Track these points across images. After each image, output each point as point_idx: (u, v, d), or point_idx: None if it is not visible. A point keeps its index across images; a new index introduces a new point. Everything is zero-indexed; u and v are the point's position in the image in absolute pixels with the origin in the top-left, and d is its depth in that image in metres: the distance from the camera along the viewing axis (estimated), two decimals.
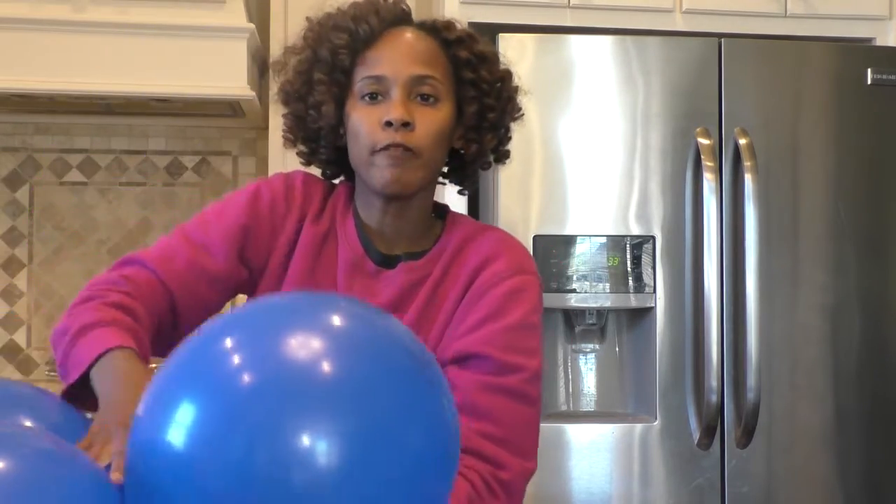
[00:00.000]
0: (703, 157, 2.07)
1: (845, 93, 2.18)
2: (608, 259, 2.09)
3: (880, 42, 2.40)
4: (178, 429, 0.72)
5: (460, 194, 1.35)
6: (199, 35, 2.41)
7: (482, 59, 1.20)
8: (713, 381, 2.03)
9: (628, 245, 2.09)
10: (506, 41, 2.09)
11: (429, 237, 1.21)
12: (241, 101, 2.51)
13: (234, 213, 1.19)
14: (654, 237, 2.09)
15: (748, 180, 2.05)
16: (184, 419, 0.72)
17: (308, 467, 0.70)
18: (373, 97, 1.15)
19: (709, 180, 2.05)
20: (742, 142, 2.08)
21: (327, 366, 0.74)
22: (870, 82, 2.16)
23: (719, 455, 2.08)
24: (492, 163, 1.27)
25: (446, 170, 1.27)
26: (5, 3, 2.39)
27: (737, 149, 2.09)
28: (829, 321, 2.14)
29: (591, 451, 2.07)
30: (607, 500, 2.07)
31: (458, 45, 1.19)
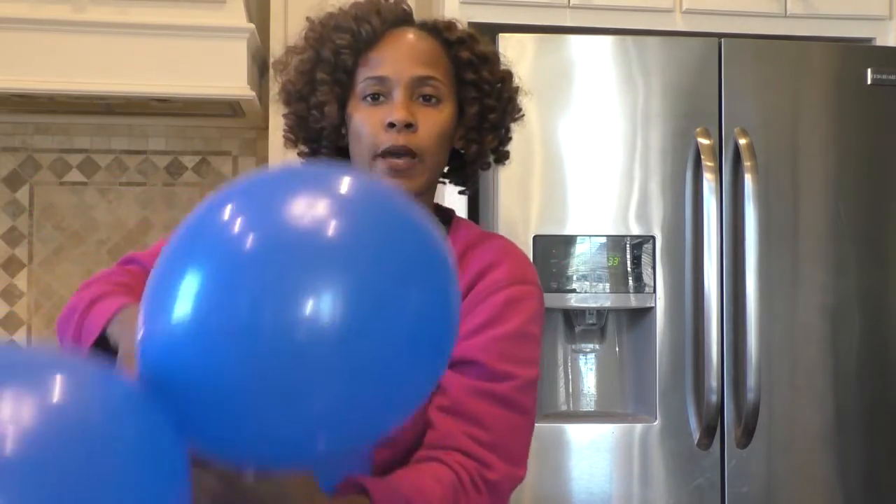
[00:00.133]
0: (703, 157, 2.07)
1: (845, 93, 2.18)
2: (608, 259, 2.09)
3: (880, 42, 2.40)
4: (183, 301, 0.72)
5: (461, 194, 1.35)
6: (199, 35, 2.41)
7: (483, 60, 1.20)
8: (713, 381, 2.03)
9: (628, 245, 2.09)
10: (506, 41, 2.09)
11: None
12: (241, 101, 2.51)
13: None
14: (654, 237, 2.09)
15: (748, 180, 2.05)
16: (187, 290, 0.72)
17: (311, 327, 0.71)
18: (375, 98, 1.15)
19: (709, 180, 2.05)
20: (742, 142, 2.08)
21: (330, 226, 0.74)
22: (870, 82, 2.16)
23: (719, 455, 2.08)
24: (492, 163, 1.27)
25: (446, 170, 1.26)
26: (5, 3, 2.39)
27: (737, 149, 2.09)
28: (829, 321, 2.14)
29: (591, 451, 2.07)
30: (607, 500, 2.07)
31: (459, 45, 1.19)
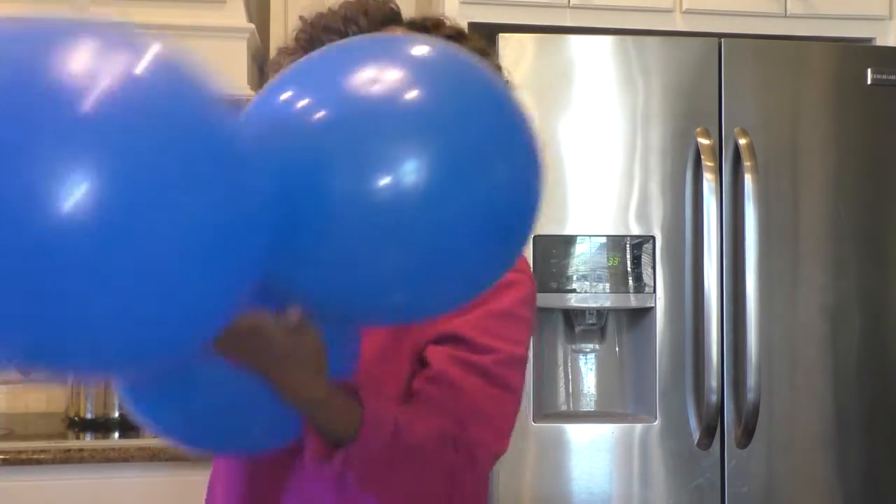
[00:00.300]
0: (703, 157, 2.07)
1: (845, 93, 2.18)
2: (608, 259, 2.09)
3: (880, 42, 2.40)
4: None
5: None
6: (199, 35, 2.41)
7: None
8: (713, 381, 2.03)
9: (628, 245, 2.09)
10: (506, 41, 2.09)
11: None
12: (241, 100, 2.51)
13: None
14: (654, 237, 2.09)
15: (748, 180, 2.05)
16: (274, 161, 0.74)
17: (394, 190, 0.72)
18: None
19: (709, 180, 2.05)
20: (742, 142, 2.08)
21: (415, 90, 0.75)
22: (870, 82, 2.16)
23: (719, 455, 2.08)
24: None
25: None
26: (5, 3, 2.38)
27: (737, 149, 2.09)
28: (829, 321, 2.14)
29: (591, 451, 2.07)
30: (607, 500, 2.07)
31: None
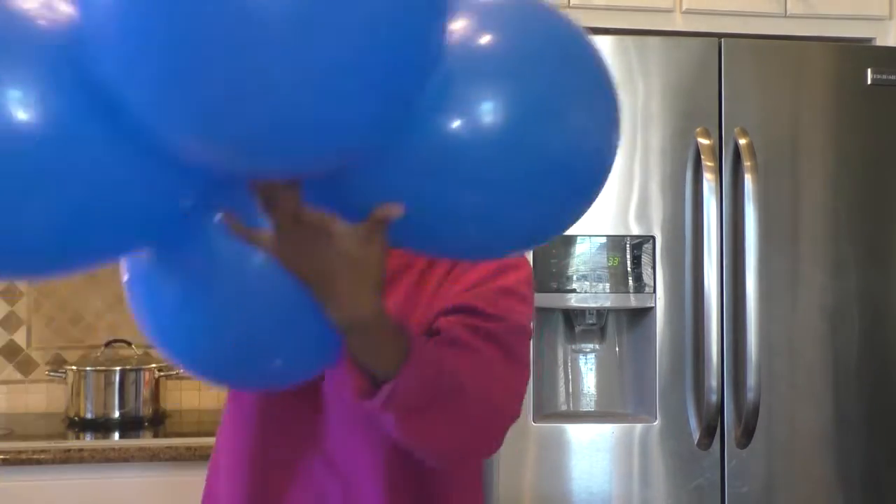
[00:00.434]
0: (703, 157, 2.07)
1: (845, 93, 2.18)
2: (608, 259, 2.09)
3: (880, 42, 2.41)
4: None
5: None
6: None
7: None
8: (713, 381, 2.03)
9: (628, 245, 2.09)
10: None
11: None
12: None
13: None
14: (654, 237, 2.09)
15: (748, 180, 2.05)
16: None
17: (474, 128, 0.74)
18: None
19: (709, 180, 2.05)
20: (742, 142, 2.08)
21: (493, 35, 0.77)
22: (870, 82, 2.16)
23: (719, 455, 2.08)
24: None
25: None
26: None
27: (737, 149, 2.09)
28: (829, 321, 2.14)
29: (591, 451, 2.07)
30: (607, 500, 2.07)
31: None
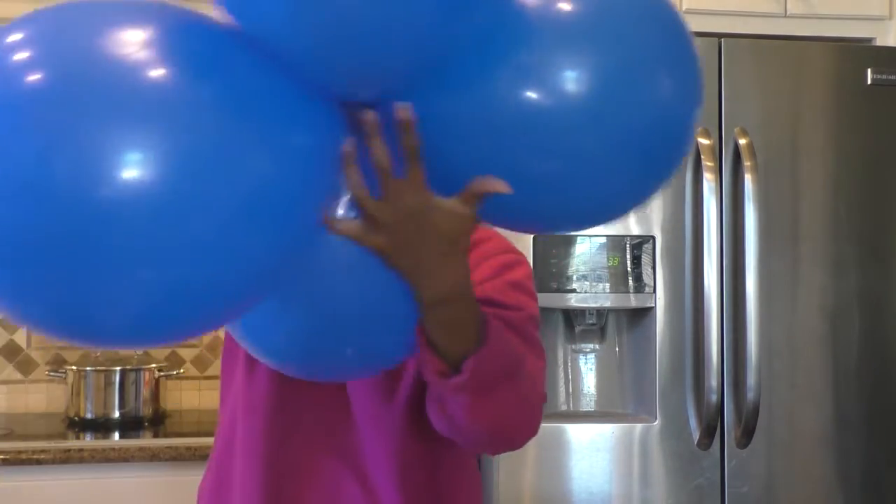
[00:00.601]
0: (703, 157, 2.07)
1: (845, 93, 2.18)
2: (608, 259, 2.09)
3: (880, 42, 2.41)
4: None
5: None
6: None
7: None
8: (713, 381, 2.03)
9: (628, 245, 2.09)
10: None
11: None
12: None
13: None
14: (654, 237, 2.09)
15: (748, 180, 2.05)
16: None
17: (555, 101, 0.79)
18: None
19: (709, 180, 2.05)
20: (742, 142, 2.08)
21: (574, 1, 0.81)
22: (870, 82, 2.16)
23: (719, 455, 2.08)
24: None
25: None
26: (5, 3, 2.38)
27: (737, 149, 2.09)
28: (829, 321, 2.14)
29: (591, 451, 2.07)
30: (607, 500, 2.07)
31: None
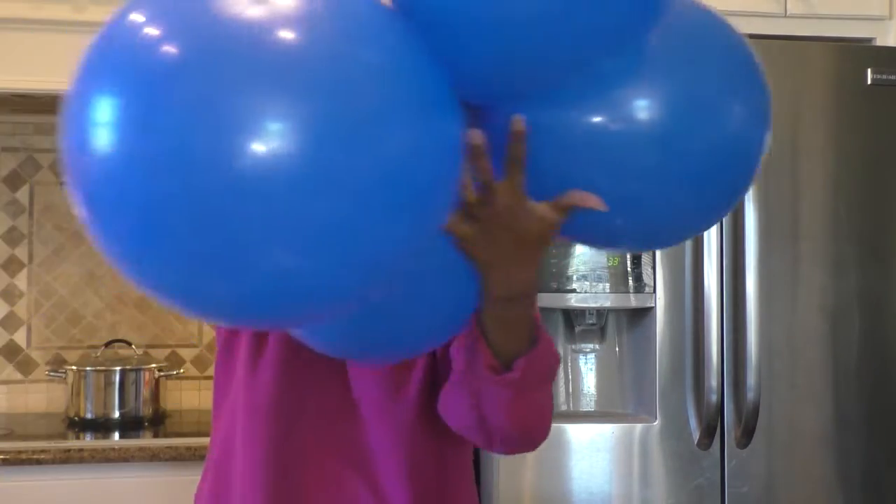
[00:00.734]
0: None
1: (845, 93, 2.18)
2: (608, 259, 2.09)
3: (880, 42, 2.40)
4: None
5: None
6: None
7: None
8: (713, 381, 2.03)
9: None
10: None
11: None
12: None
13: None
14: None
15: None
16: None
17: (633, 126, 0.85)
18: None
19: None
20: None
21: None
22: (870, 82, 2.16)
23: (719, 455, 2.08)
24: None
25: None
26: (5, 3, 2.39)
27: None
28: (829, 321, 2.14)
29: (591, 451, 2.07)
30: (607, 500, 2.07)
31: None
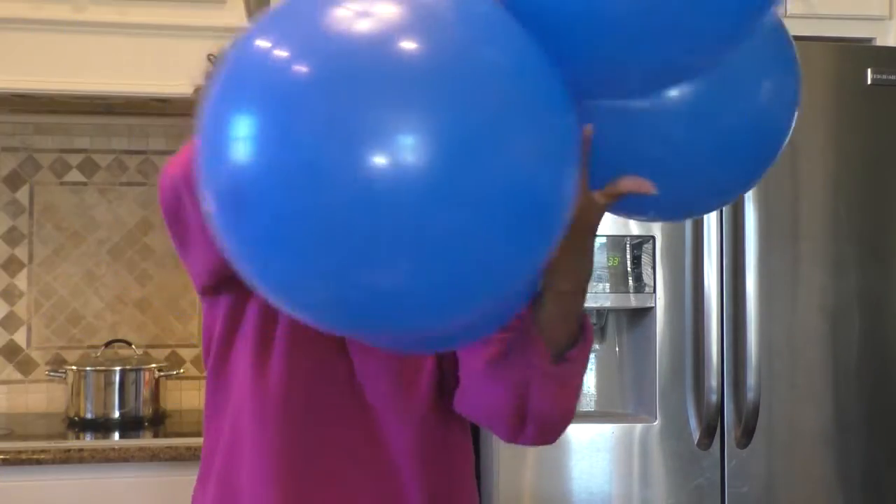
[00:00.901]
0: None
1: (845, 93, 2.18)
2: (608, 259, 2.09)
3: (880, 42, 2.40)
4: None
5: None
6: (199, 35, 2.41)
7: None
8: (713, 381, 2.03)
9: (628, 245, 2.09)
10: None
11: None
12: None
13: None
14: (653, 237, 2.09)
15: None
16: None
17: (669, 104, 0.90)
18: None
19: None
20: None
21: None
22: (870, 82, 2.16)
23: (719, 455, 2.08)
24: None
25: None
26: (5, 3, 2.39)
27: None
28: (829, 321, 2.14)
29: (591, 451, 2.07)
30: (607, 500, 2.07)
31: None
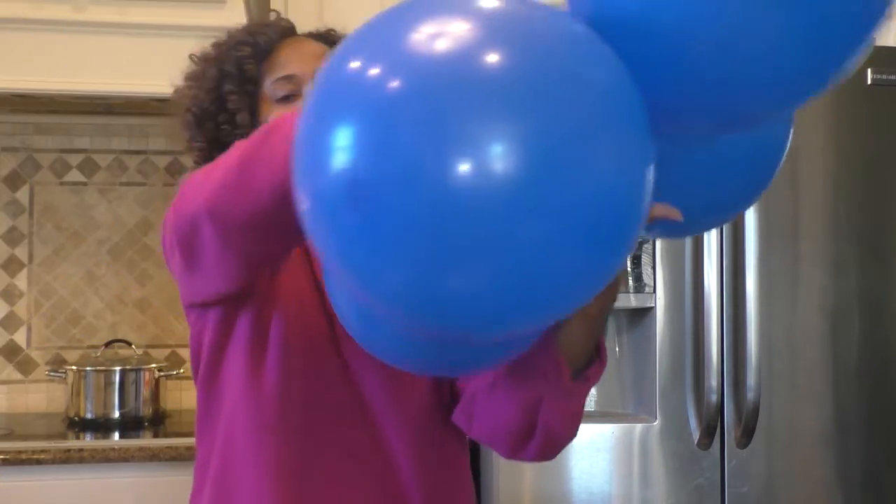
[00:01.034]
0: None
1: (845, 93, 2.17)
2: None
3: (880, 42, 2.40)
4: None
5: None
6: (199, 35, 2.39)
7: None
8: (713, 381, 2.03)
9: None
10: None
11: None
12: None
13: None
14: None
15: None
16: None
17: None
18: (287, 98, 1.20)
19: None
20: None
21: None
22: (870, 82, 2.16)
23: (719, 455, 2.08)
24: None
25: None
26: (5, 3, 2.39)
27: None
28: (829, 321, 2.14)
29: (590, 451, 2.07)
30: (607, 500, 2.07)
31: None
